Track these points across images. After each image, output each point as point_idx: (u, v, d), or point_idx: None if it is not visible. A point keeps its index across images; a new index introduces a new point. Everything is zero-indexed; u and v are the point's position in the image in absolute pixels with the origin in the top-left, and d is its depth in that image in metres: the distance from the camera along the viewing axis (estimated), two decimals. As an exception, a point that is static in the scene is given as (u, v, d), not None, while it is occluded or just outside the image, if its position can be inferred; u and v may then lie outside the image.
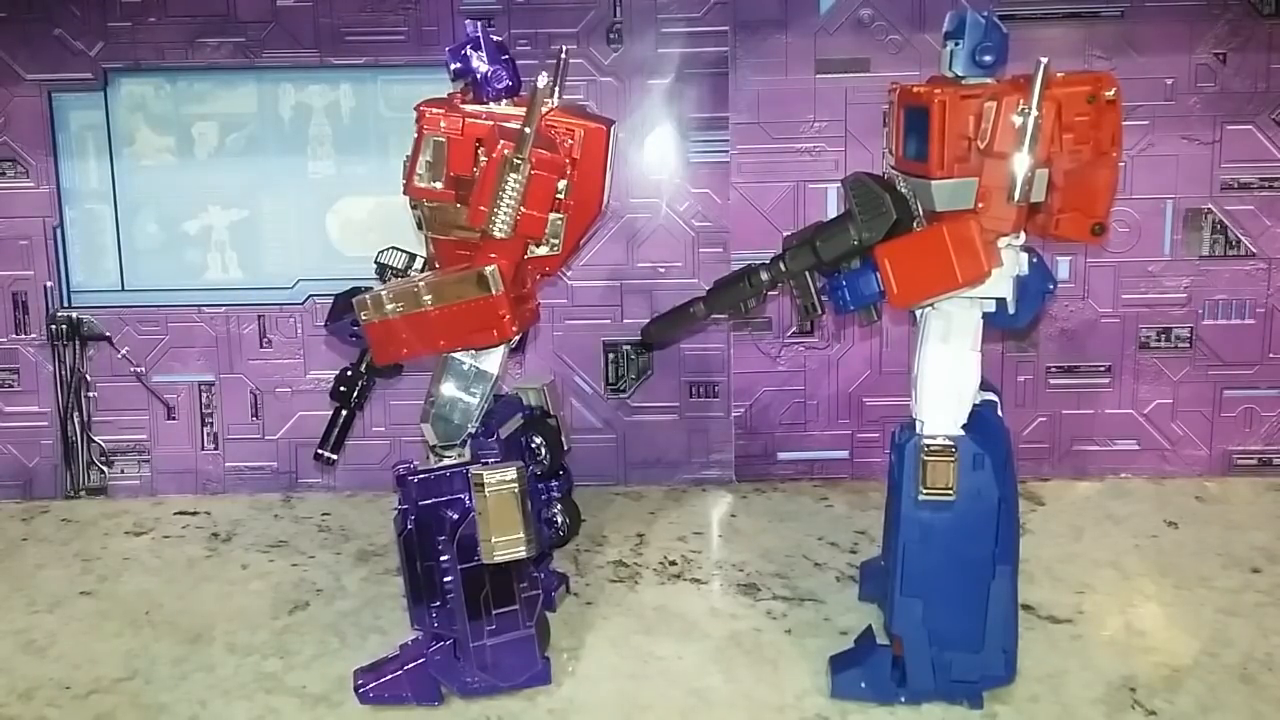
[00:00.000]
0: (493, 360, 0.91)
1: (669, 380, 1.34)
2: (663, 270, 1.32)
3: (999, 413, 0.94)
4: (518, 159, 0.84)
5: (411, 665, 0.92)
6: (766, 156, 1.30)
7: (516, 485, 0.89)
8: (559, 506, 1.03)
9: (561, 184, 0.88)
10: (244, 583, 1.13)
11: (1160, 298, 1.31)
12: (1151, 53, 1.27)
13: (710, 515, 1.27)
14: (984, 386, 0.92)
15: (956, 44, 0.87)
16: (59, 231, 1.31)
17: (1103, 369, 1.33)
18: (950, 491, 0.88)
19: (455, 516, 0.90)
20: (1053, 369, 1.33)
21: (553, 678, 0.93)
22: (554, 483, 1.03)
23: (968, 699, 0.90)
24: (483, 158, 0.86)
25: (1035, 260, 0.90)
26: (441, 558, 0.90)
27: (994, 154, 0.83)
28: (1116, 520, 1.23)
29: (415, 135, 0.88)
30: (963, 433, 0.89)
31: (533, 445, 1.01)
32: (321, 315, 1.30)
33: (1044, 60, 0.80)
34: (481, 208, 0.85)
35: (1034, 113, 0.81)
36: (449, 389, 0.91)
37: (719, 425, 1.35)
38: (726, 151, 1.30)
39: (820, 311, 0.92)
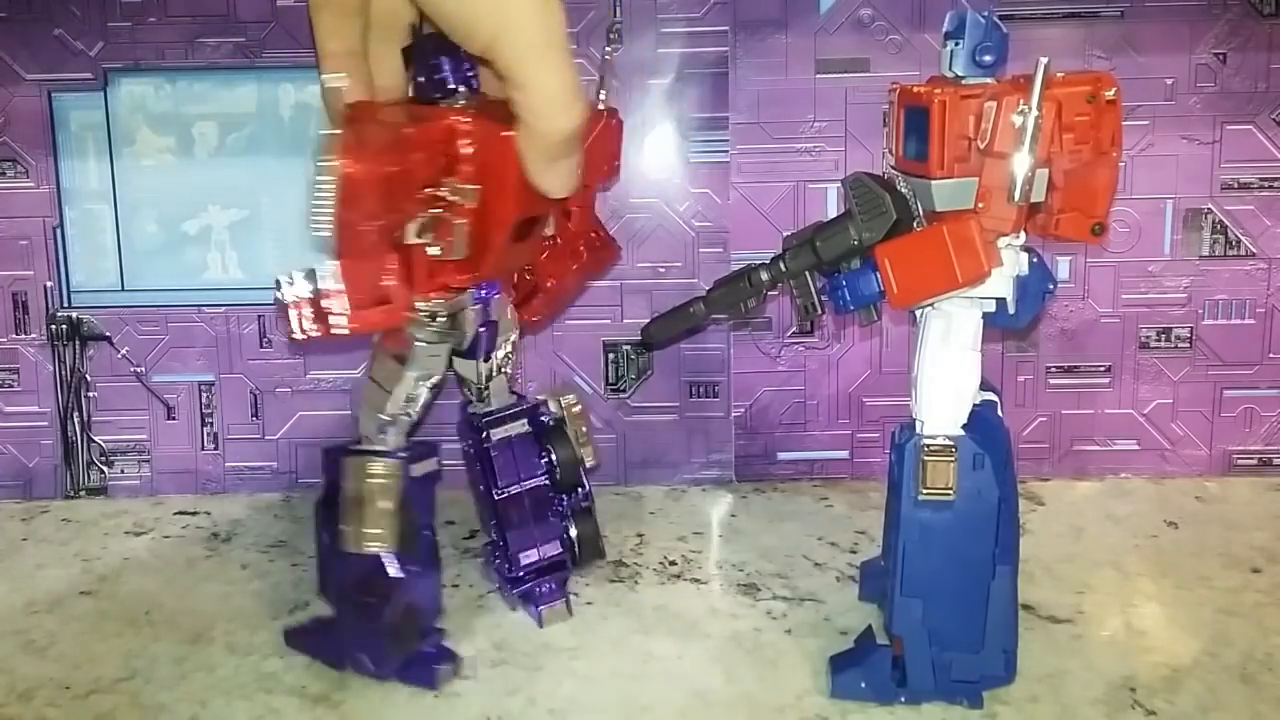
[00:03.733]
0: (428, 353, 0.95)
1: (669, 380, 1.34)
2: (663, 270, 1.32)
3: (999, 413, 0.94)
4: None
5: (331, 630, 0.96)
6: (766, 156, 1.30)
7: (388, 480, 0.91)
8: (571, 522, 1.04)
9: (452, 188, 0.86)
10: (244, 583, 1.13)
11: (1160, 298, 1.31)
12: (1151, 53, 1.27)
13: (710, 515, 1.27)
14: (984, 386, 0.92)
15: (956, 44, 0.87)
16: (59, 231, 1.31)
17: (1103, 369, 1.33)
18: (950, 491, 0.88)
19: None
20: (1053, 369, 1.33)
21: (437, 684, 0.93)
22: (564, 496, 1.04)
23: (968, 699, 0.90)
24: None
25: (1035, 260, 0.90)
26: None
27: (994, 154, 0.82)
28: (1116, 520, 1.23)
29: None
30: (963, 433, 0.89)
31: (546, 454, 1.04)
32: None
33: (1044, 60, 0.80)
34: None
35: (1034, 113, 0.81)
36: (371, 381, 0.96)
37: (719, 425, 1.35)
38: (726, 151, 1.30)
39: (820, 311, 0.92)
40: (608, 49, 0.92)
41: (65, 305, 1.33)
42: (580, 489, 1.05)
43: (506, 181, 0.86)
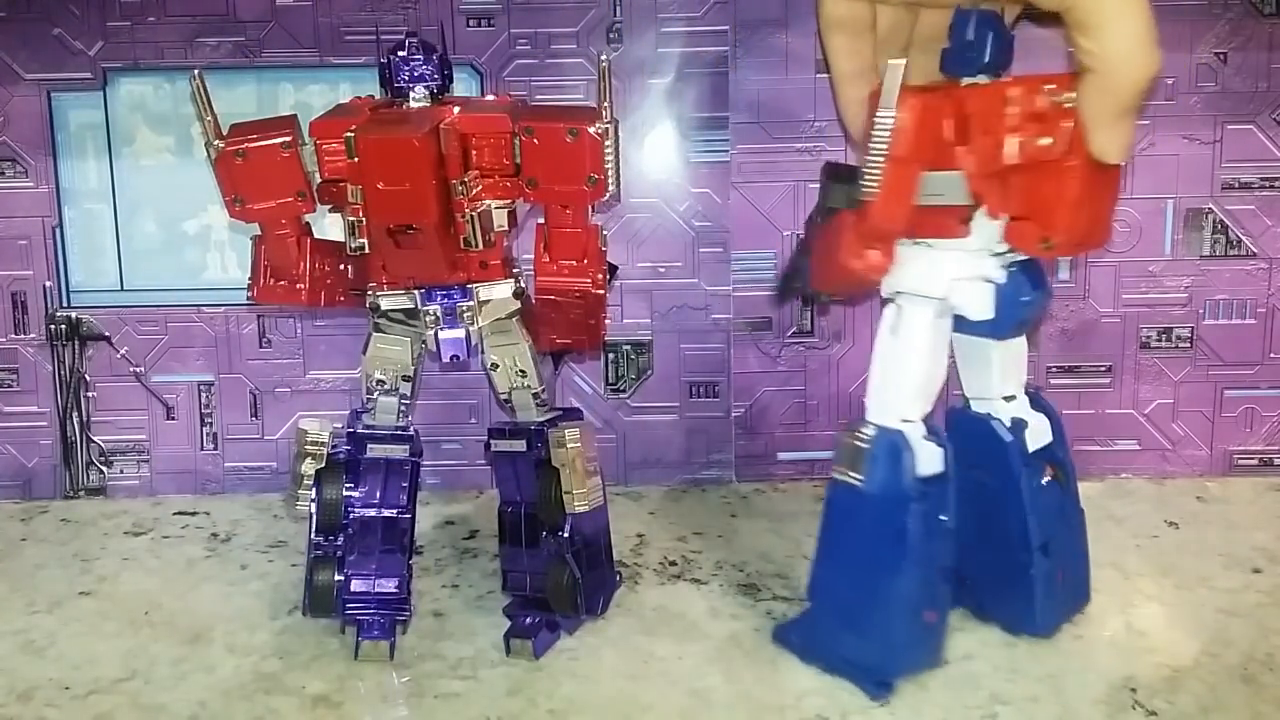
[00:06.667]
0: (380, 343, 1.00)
1: (669, 380, 1.34)
2: (663, 270, 1.31)
3: (1021, 435, 0.95)
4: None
5: None
6: (766, 156, 1.30)
7: (317, 446, 0.99)
8: (547, 566, 1.00)
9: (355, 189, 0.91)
10: (244, 583, 1.13)
11: (1161, 298, 1.31)
12: (1152, 52, 1.26)
13: (710, 515, 1.27)
14: (1035, 405, 0.95)
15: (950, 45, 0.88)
16: (58, 231, 1.31)
17: (1103, 369, 1.33)
18: (857, 477, 0.90)
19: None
20: (1053, 369, 1.33)
21: (356, 654, 0.98)
22: (545, 534, 1.01)
23: (861, 684, 0.92)
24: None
25: (1015, 269, 0.89)
26: None
27: (862, 150, 0.85)
28: (1117, 520, 1.23)
29: None
30: (902, 426, 0.91)
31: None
32: (320, 316, 1.30)
33: (898, 63, 0.83)
34: None
35: (888, 112, 0.82)
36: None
37: (719, 425, 1.35)
38: (726, 151, 1.30)
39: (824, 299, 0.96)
40: (602, 56, 0.92)
41: (64, 305, 1.32)
42: (560, 533, 1.00)
43: (370, 188, 0.89)
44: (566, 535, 0.99)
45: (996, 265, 0.89)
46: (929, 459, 0.91)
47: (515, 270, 1.00)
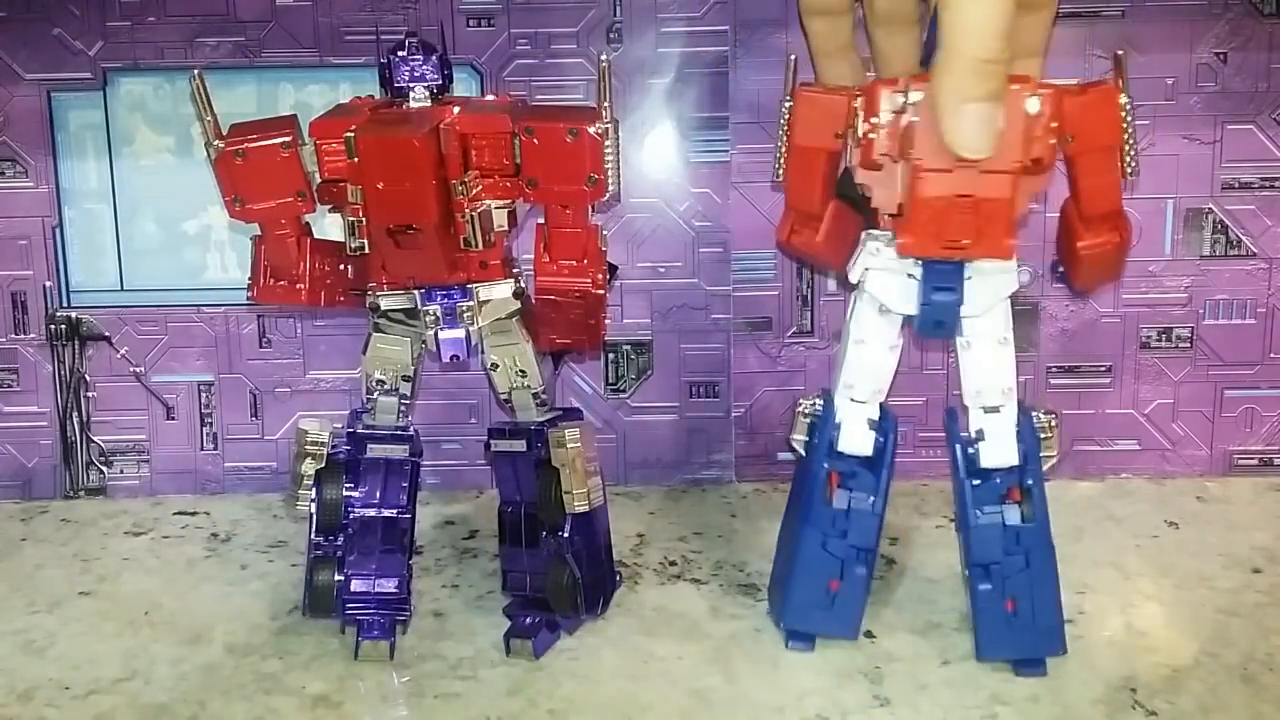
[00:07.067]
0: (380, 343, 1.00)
1: (669, 380, 1.34)
2: (663, 270, 1.31)
3: (974, 446, 0.95)
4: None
5: None
6: (766, 156, 1.29)
7: (317, 446, 0.99)
8: (547, 566, 1.00)
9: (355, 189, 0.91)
10: (243, 583, 1.13)
11: (1161, 297, 1.31)
12: (1152, 52, 1.26)
13: (710, 515, 1.27)
14: (1023, 411, 0.95)
15: None
16: (58, 231, 1.31)
17: (1103, 369, 1.33)
18: (800, 443, 0.98)
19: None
20: (1053, 369, 1.33)
21: (356, 654, 0.98)
22: (545, 534, 1.01)
23: (784, 635, 0.98)
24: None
25: (929, 268, 0.90)
26: None
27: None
28: (1117, 520, 1.23)
29: None
30: (850, 405, 0.95)
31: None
32: (320, 316, 1.30)
33: (793, 57, 0.92)
34: None
35: (785, 102, 0.91)
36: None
37: (719, 425, 1.35)
38: (726, 151, 1.30)
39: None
40: (602, 56, 0.92)
41: (64, 305, 1.32)
42: (560, 533, 1.00)
43: (370, 188, 0.90)
44: (566, 535, 1.00)
45: (911, 261, 0.90)
46: (856, 440, 0.95)
47: (515, 270, 1.00)
